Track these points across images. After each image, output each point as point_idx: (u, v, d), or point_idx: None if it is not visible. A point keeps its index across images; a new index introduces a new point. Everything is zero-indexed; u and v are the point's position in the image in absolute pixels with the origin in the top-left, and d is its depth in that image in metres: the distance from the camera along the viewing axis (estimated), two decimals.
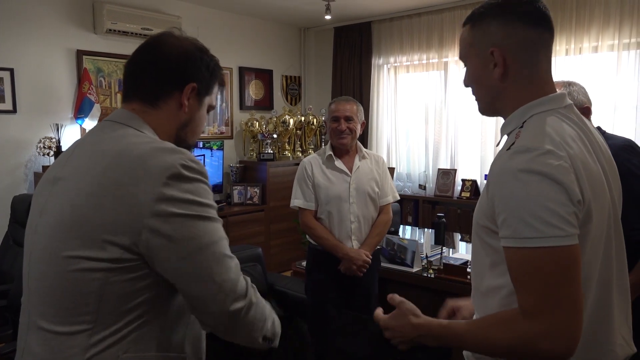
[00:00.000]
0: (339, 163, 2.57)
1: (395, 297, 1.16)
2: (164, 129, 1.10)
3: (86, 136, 1.11)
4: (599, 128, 1.96)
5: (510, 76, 1.04)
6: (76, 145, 1.10)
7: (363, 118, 2.62)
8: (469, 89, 1.17)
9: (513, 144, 0.97)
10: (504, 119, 1.10)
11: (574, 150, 0.96)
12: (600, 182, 1.00)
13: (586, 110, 1.90)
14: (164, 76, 1.10)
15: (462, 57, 1.14)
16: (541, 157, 0.91)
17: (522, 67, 1.04)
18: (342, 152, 2.59)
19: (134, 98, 1.10)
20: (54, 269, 0.98)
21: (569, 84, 1.92)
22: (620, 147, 1.84)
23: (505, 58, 1.03)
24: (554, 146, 0.93)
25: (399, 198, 2.73)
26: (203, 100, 1.16)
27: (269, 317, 1.09)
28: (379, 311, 1.19)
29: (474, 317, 1.18)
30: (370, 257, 2.49)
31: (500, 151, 1.02)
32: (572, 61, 4.13)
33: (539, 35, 1.04)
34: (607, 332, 1.04)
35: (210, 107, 1.20)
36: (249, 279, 1.04)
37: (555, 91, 1.07)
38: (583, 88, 1.93)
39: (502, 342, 0.94)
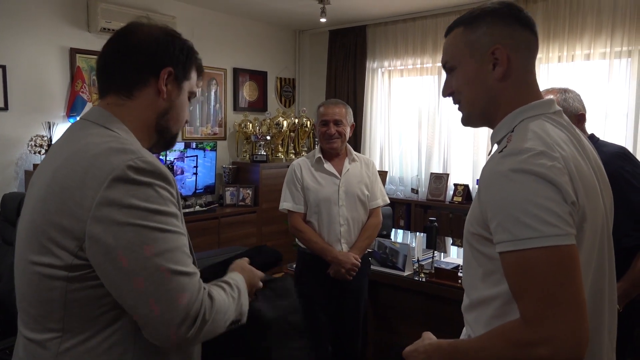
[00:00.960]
0: (328, 166, 2.56)
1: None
2: (142, 119, 1.05)
3: (60, 137, 1.07)
4: (592, 135, 1.97)
5: (511, 76, 1.03)
6: (51, 147, 1.07)
7: (352, 120, 2.60)
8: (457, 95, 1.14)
9: (505, 147, 0.96)
10: (492, 128, 1.09)
11: (566, 152, 0.94)
12: (594, 188, 0.99)
13: (581, 117, 1.91)
14: (137, 64, 1.04)
15: (451, 60, 1.10)
16: (534, 158, 0.89)
17: (522, 68, 1.04)
18: (332, 155, 2.59)
19: (108, 92, 1.05)
20: (23, 277, 0.96)
21: (564, 91, 1.93)
22: (614, 155, 1.85)
23: (509, 56, 1.02)
24: (547, 147, 0.92)
25: (388, 202, 2.73)
26: (182, 86, 1.09)
27: (230, 307, 1.01)
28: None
29: (464, 329, 1.14)
30: (359, 260, 2.48)
31: (492, 155, 1.00)
32: (564, 68, 4.16)
33: (534, 40, 1.06)
34: (597, 347, 1.00)
35: (192, 94, 1.13)
36: (207, 290, 0.95)
37: (542, 98, 1.07)
38: (578, 95, 1.94)
39: (502, 353, 0.90)
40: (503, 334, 0.91)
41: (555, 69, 4.20)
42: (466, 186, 4.74)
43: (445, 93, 1.15)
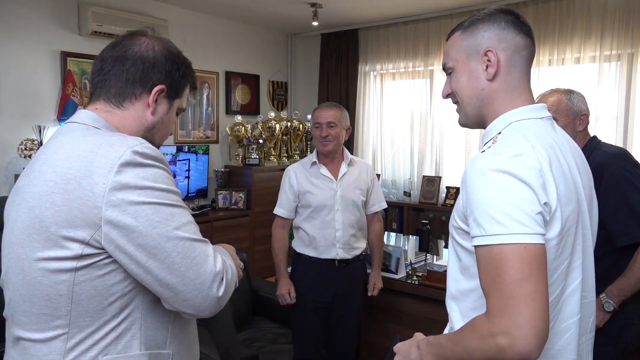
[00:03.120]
0: (324, 170, 2.56)
1: None
2: (129, 130, 1.07)
3: (48, 141, 1.08)
4: (594, 137, 1.99)
5: (501, 76, 1.08)
6: (39, 152, 1.07)
7: (348, 124, 2.60)
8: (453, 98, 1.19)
9: (489, 147, 1.01)
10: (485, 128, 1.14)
11: (546, 157, 0.98)
12: (571, 193, 1.03)
13: (584, 118, 1.95)
14: (132, 76, 1.06)
15: (449, 62, 1.16)
16: (511, 159, 0.94)
17: (513, 70, 1.09)
18: (328, 158, 2.58)
19: (99, 97, 1.08)
20: (24, 276, 0.96)
21: (569, 92, 1.97)
22: (616, 155, 1.89)
23: (499, 58, 1.07)
24: (527, 150, 0.97)
25: (385, 206, 2.73)
26: (173, 103, 1.13)
27: (236, 274, 1.06)
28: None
29: (448, 322, 1.18)
30: (381, 284, 2.64)
31: (476, 154, 1.05)
32: (554, 72, 4.20)
33: (529, 45, 1.10)
34: (569, 343, 1.05)
35: (180, 110, 1.17)
36: (219, 255, 1.01)
37: (533, 102, 1.12)
38: (583, 96, 1.99)
39: (469, 343, 0.94)
40: (470, 326, 0.96)
41: (545, 72, 4.23)
42: (458, 189, 4.76)
43: (445, 94, 1.20)
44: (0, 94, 3.62)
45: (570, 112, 1.93)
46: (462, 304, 1.08)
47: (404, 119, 5.14)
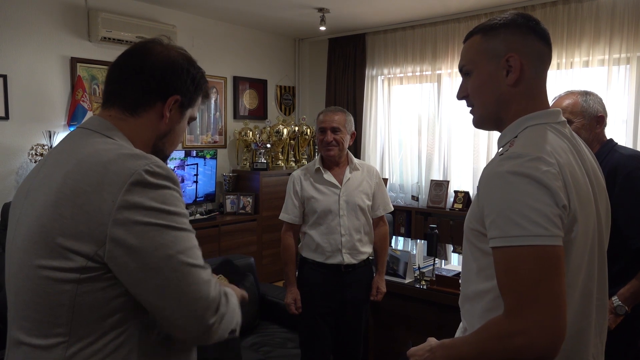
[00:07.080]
0: (328, 175, 2.55)
1: None
2: (141, 138, 1.08)
3: (58, 145, 1.08)
4: (610, 140, 1.99)
5: (522, 82, 1.09)
6: (48, 154, 1.07)
7: (353, 128, 2.59)
8: (463, 101, 1.20)
9: (507, 151, 1.01)
10: (500, 132, 1.14)
11: (563, 160, 0.99)
12: (587, 196, 1.04)
13: (600, 119, 1.94)
14: (148, 86, 1.07)
15: (467, 65, 1.15)
16: (530, 162, 0.95)
17: (533, 77, 1.10)
18: (332, 163, 2.57)
19: (113, 104, 1.08)
20: (28, 282, 0.96)
21: (585, 93, 1.97)
22: (631, 157, 1.89)
23: (522, 64, 1.08)
24: (545, 154, 0.97)
25: (392, 209, 2.72)
26: (185, 113, 1.14)
27: (237, 315, 1.05)
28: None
29: (461, 323, 1.20)
30: (385, 288, 2.61)
31: (493, 157, 1.05)
32: (563, 75, 4.18)
33: (547, 51, 1.12)
34: (583, 345, 1.06)
35: (192, 119, 1.18)
36: (220, 287, 1.00)
37: (549, 107, 1.12)
38: (599, 98, 1.98)
39: (486, 344, 0.95)
40: (487, 327, 0.97)
41: (554, 76, 4.21)
42: (467, 193, 4.74)
43: (460, 96, 1.20)
44: (11, 99, 3.66)
45: (586, 114, 1.92)
46: (477, 305, 1.09)
47: (411, 123, 5.13)
